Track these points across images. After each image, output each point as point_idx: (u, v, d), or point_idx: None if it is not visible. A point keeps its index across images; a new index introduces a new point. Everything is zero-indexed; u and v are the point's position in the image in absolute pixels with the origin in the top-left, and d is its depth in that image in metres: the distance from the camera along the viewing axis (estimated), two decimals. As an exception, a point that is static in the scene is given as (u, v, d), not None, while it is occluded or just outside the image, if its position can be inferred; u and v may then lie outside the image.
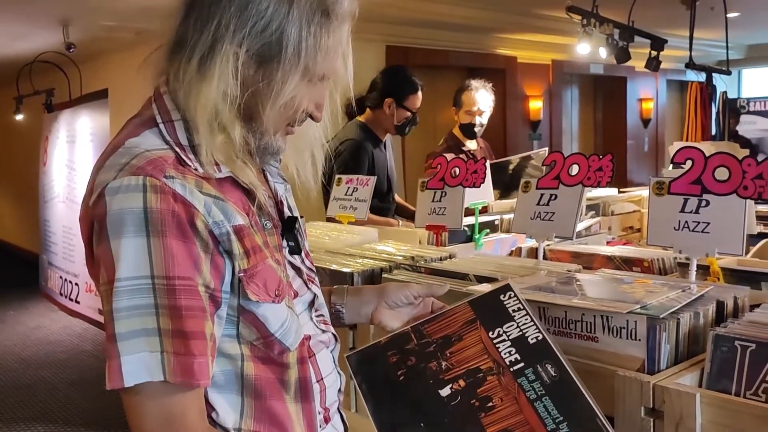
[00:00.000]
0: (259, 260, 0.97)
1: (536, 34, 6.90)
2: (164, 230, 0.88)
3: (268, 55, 0.96)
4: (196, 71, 0.94)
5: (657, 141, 9.01)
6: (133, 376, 0.87)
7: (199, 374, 0.89)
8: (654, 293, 1.27)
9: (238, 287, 0.95)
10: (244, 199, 0.99)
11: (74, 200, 6.29)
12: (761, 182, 1.39)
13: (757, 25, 7.52)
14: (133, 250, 0.88)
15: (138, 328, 0.88)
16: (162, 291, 0.88)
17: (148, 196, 0.89)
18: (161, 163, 0.92)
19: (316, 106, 1.05)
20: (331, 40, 0.99)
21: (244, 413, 0.99)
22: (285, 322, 0.99)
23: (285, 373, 1.01)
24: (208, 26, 0.94)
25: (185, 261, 0.89)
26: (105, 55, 6.39)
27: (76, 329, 5.93)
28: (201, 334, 0.90)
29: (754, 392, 1.04)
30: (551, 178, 1.80)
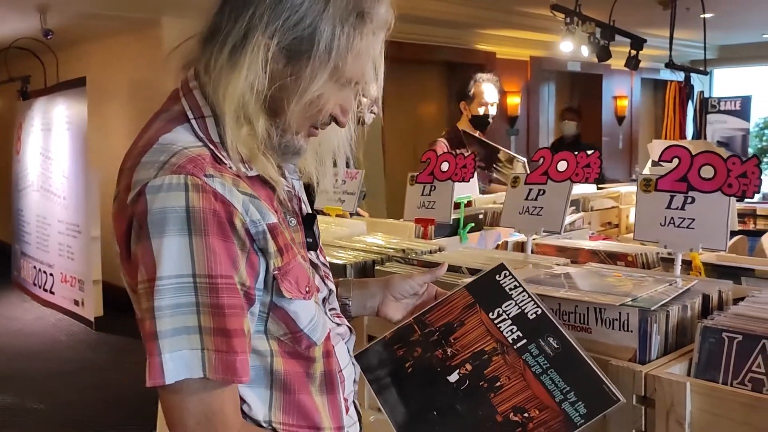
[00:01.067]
0: (291, 258, 0.98)
1: (515, 31, 6.97)
2: (206, 229, 0.89)
3: (298, 49, 0.95)
4: (227, 60, 0.94)
5: (631, 138, 9.17)
6: (174, 374, 0.88)
7: (241, 371, 0.91)
8: (643, 286, 1.31)
9: (272, 285, 0.97)
10: (272, 197, 1.01)
11: (49, 189, 6.21)
12: (745, 181, 1.44)
13: (729, 27, 7.69)
14: (176, 249, 0.89)
15: (180, 326, 0.89)
16: (204, 289, 0.89)
17: (191, 195, 0.89)
18: (201, 161, 0.92)
19: (341, 110, 1.04)
20: (363, 43, 0.98)
21: (273, 406, 1.01)
22: (314, 318, 1.01)
23: (311, 367, 1.03)
24: (242, 16, 0.94)
25: (226, 260, 0.90)
26: (83, 42, 6.30)
27: (50, 320, 5.86)
28: (241, 331, 0.92)
29: (741, 381, 1.09)
30: (540, 174, 1.85)
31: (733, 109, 8.71)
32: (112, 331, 5.42)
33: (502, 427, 1.03)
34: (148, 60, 5.42)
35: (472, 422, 1.05)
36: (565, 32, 4.21)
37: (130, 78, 5.77)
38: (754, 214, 4.01)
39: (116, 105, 6.03)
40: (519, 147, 7.74)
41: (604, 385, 1.02)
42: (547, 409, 1.03)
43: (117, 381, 4.39)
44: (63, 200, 5.98)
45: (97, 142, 5.75)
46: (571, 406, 1.02)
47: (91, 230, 5.56)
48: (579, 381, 1.03)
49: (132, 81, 5.76)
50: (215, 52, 0.96)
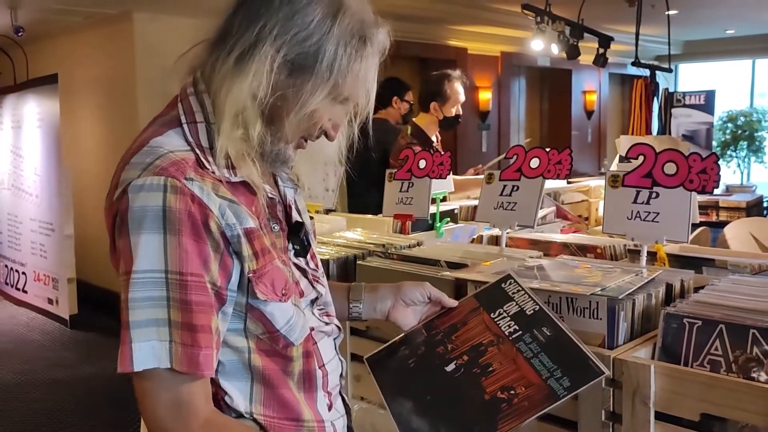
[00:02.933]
0: (267, 261, 1.03)
1: (486, 27, 7.06)
2: (180, 229, 0.95)
3: (302, 64, 1.01)
4: (233, 65, 1.00)
5: (600, 132, 9.34)
6: (142, 362, 0.94)
7: (204, 365, 0.96)
8: (611, 277, 1.40)
9: (247, 287, 1.02)
10: (256, 203, 1.05)
11: (20, 188, 6.14)
12: (705, 176, 1.53)
13: (693, 22, 7.88)
14: (150, 246, 0.94)
15: (150, 318, 0.94)
16: (174, 285, 0.95)
17: (168, 196, 0.95)
18: (183, 165, 0.98)
19: (332, 125, 1.10)
20: (362, 65, 1.04)
21: (254, 399, 1.06)
22: (291, 319, 1.06)
23: (289, 365, 1.08)
24: (253, 26, 1.00)
25: (197, 259, 0.96)
26: (52, 38, 6.23)
27: (23, 318, 5.82)
28: (208, 327, 0.97)
29: (700, 363, 1.18)
30: (513, 171, 1.92)
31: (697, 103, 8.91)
32: (87, 329, 5.41)
33: (489, 404, 1.11)
34: (119, 56, 5.39)
35: (462, 403, 1.13)
36: (536, 31, 4.31)
37: (101, 74, 5.73)
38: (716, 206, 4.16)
39: (87, 101, 5.99)
40: (490, 142, 7.86)
41: (590, 361, 1.10)
42: (533, 385, 1.10)
43: (93, 379, 4.39)
44: (35, 198, 5.93)
45: (68, 139, 5.71)
46: (556, 381, 1.09)
47: (65, 228, 5.52)
48: (566, 360, 1.11)
49: (103, 77, 5.72)
50: (222, 56, 1.01)
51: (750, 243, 2.96)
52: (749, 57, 10.24)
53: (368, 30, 1.05)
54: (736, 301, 1.26)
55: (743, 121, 9.90)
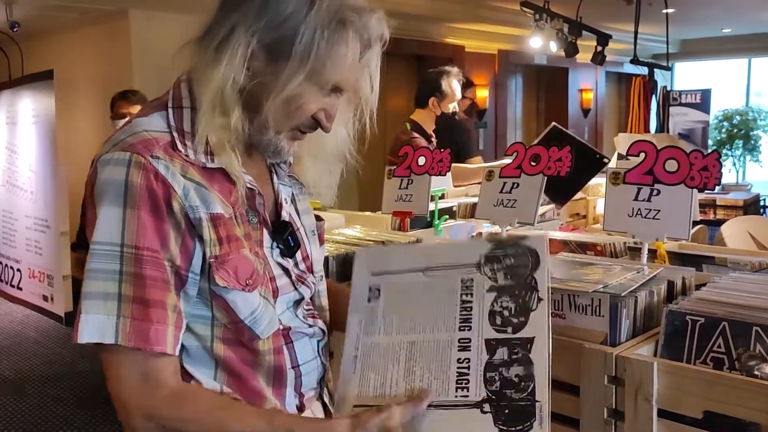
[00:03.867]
0: (232, 249, 1.02)
1: (484, 24, 7.06)
2: (139, 204, 0.96)
3: (279, 50, 1.01)
4: (212, 54, 1.00)
5: (597, 130, 9.34)
6: (86, 335, 0.95)
7: (154, 340, 0.96)
8: (612, 274, 1.40)
9: (208, 271, 1.01)
10: (233, 191, 1.05)
11: (15, 184, 6.11)
12: (706, 174, 1.53)
13: (690, 22, 7.89)
14: (109, 218, 0.97)
15: (100, 291, 0.96)
16: (129, 259, 0.96)
17: (131, 170, 0.97)
18: (152, 143, 0.99)
19: (325, 115, 1.08)
20: (342, 49, 1.02)
21: (223, 389, 1.06)
22: (256, 311, 1.04)
23: (256, 358, 1.07)
24: (231, 15, 1.01)
25: (154, 235, 0.97)
26: (48, 34, 6.21)
27: (18, 315, 5.79)
28: (161, 303, 0.97)
29: (703, 361, 1.18)
30: (513, 168, 1.92)
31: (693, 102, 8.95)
32: (82, 326, 5.38)
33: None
34: (115, 53, 5.37)
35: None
36: (535, 28, 4.31)
37: (97, 71, 5.71)
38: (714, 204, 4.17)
39: (83, 98, 5.96)
40: (487, 140, 7.86)
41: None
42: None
43: (88, 375, 4.37)
44: (30, 195, 5.90)
45: (64, 136, 5.68)
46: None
47: (60, 225, 5.50)
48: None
49: (99, 74, 5.70)
50: (204, 47, 1.02)
51: (747, 241, 2.96)
52: (745, 56, 10.26)
53: (348, 14, 1.03)
54: (739, 299, 1.26)
55: (739, 119, 9.93)
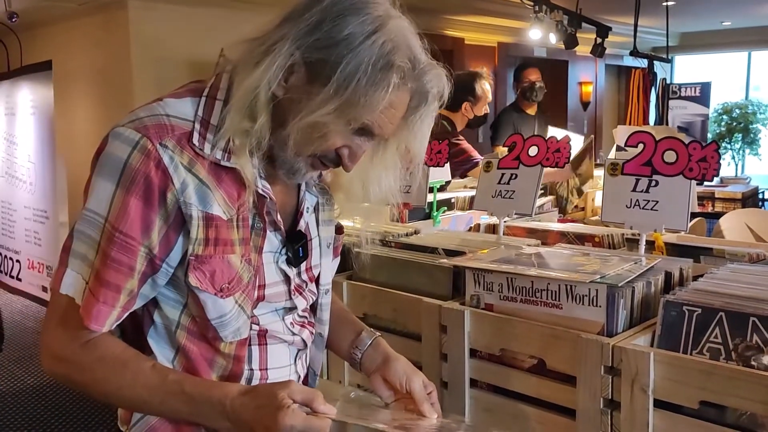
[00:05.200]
0: (216, 252, 1.02)
1: (483, 17, 7.03)
2: (131, 188, 0.98)
3: (319, 72, 0.98)
4: (258, 56, 1.00)
5: (596, 123, 9.32)
6: (66, 287, 1.00)
7: (93, 318, 0.98)
8: (610, 265, 1.40)
9: (186, 268, 1.02)
10: (242, 194, 1.04)
11: (14, 175, 6.11)
12: (705, 165, 1.53)
13: (689, 14, 7.86)
14: (102, 191, 1.00)
15: (84, 253, 1.00)
16: (106, 236, 0.99)
17: (135, 153, 0.98)
18: (166, 130, 0.99)
19: (349, 154, 1.06)
20: (381, 92, 0.98)
21: (177, 368, 1.07)
22: (225, 317, 1.04)
23: (215, 357, 1.07)
24: (286, 24, 1.00)
25: (135, 222, 0.98)
26: (46, 25, 6.17)
27: (17, 306, 5.80)
28: (116, 287, 0.99)
29: (699, 351, 1.18)
30: (512, 159, 1.92)
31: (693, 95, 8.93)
32: (81, 318, 5.39)
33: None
34: (114, 44, 5.34)
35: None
36: (534, 20, 4.30)
37: (96, 62, 5.68)
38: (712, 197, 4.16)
39: (82, 89, 5.94)
40: (487, 133, 7.83)
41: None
42: None
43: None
44: (29, 186, 5.90)
45: (62, 127, 5.67)
46: None
47: (59, 215, 5.50)
48: None
49: (97, 65, 5.68)
50: (253, 47, 1.01)
51: (745, 234, 2.96)
52: (745, 49, 10.23)
53: (400, 59, 0.99)
54: (736, 290, 1.26)
55: (738, 113, 9.91)
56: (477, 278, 1.45)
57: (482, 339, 1.42)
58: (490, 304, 1.43)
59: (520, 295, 1.39)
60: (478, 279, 1.45)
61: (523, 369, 1.38)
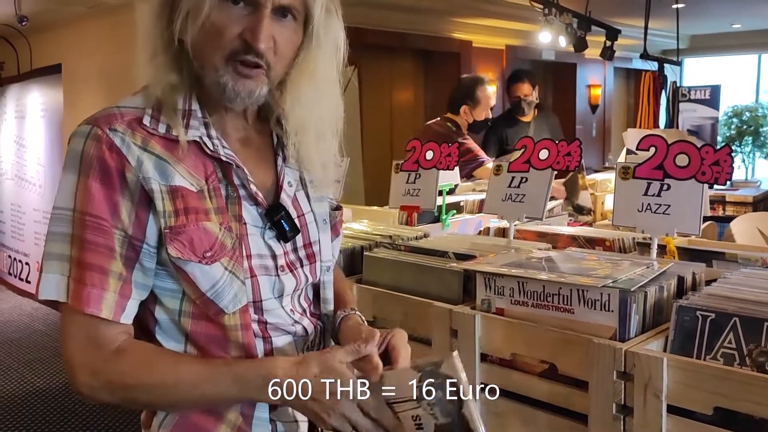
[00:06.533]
0: (189, 221, 1.02)
1: (491, 19, 7.02)
2: (89, 172, 1.00)
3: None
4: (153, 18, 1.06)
5: (604, 126, 9.30)
6: (45, 292, 1.00)
7: (86, 302, 0.98)
8: (621, 269, 1.39)
9: (164, 242, 1.02)
10: (208, 165, 1.05)
11: (23, 177, 6.14)
12: (717, 168, 1.52)
13: (700, 16, 7.83)
14: (66, 185, 1.02)
15: (57, 252, 1.01)
16: (77, 223, 1.00)
17: (88, 142, 1.01)
18: (115, 117, 1.03)
19: (252, 35, 1.02)
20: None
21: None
22: (218, 284, 1.03)
23: (224, 334, 1.06)
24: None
25: (101, 203, 1.00)
26: (55, 28, 6.21)
27: (27, 309, 5.82)
28: (99, 268, 0.99)
29: (713, 356, 1.17)
30: (522, 162, 1.91)
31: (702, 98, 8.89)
32: (90, 320, 5.40)
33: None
34: (122, 46, 5.36)
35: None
36: (543, 23, 4.29)
37: (105, 64, 5.71)
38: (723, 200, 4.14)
39: (90, 91, 5.97)
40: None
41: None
42: None
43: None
44: (39, 188, 5.92)
45: (72, 129, 5.68)
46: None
47: (68, 218, 5.52)
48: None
49: (106, 67, 5.70)
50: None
51: (756, 237, 2.94)
52: (755, 51, 10.18)
53: None
54: (750, 294, 1.25)
55: (749, 116, 9.86)
56: (488, 282, 1.44)
57: (493, 343, 1.41)
58: (501, 308, 1.42)
59: (531, 300, 1.38)
60: (488, 283, 1.44)
61: (534, 374, 1.37)
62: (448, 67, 6.91)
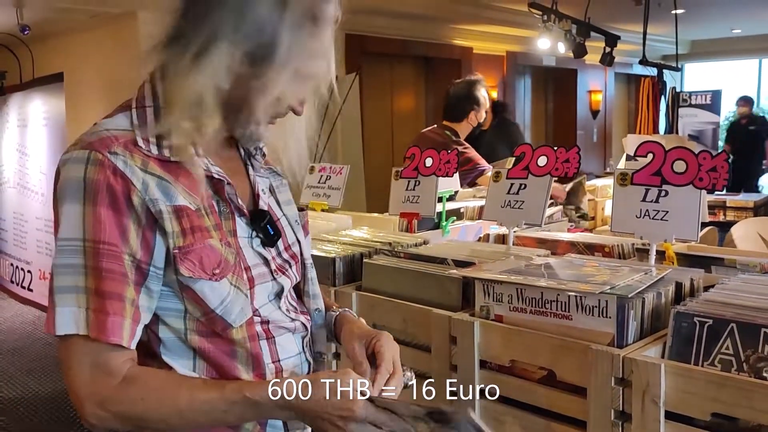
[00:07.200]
0: (197, 240, 1.04)
1: (492, 26, 7.05)
2: (97, 199, 0.99)
3: (262, 54, 1.03)
4: (190, 62, 1.02)
5: (605, 132, 9.31)
6: (63, 327, 0.98)
7: (111, 331, 0.98)
8: (619, 275, 1.39)
9: (174, 263, 1.03)
10: (197, 184, 1.07)
11: (26, 186, 6.15)
12: (714, 174, 1.52)
13: (699, 22, 7.85)
14: (71, 215, 1.00)
15: (70, 285, 0.99)
16: (90, 253, 0.99)
17: (89, 167, 0.99)
18: (111, 140, 1.02)
19: (299, 102, 1.13)
20: (317, 43, 1.07)
21: (201, 376, 1.07)
22: (226, 300, 1.05)
23: (232, 348, 1.08)
24: (205, 24, 1.02)
25: (112, 229, 0.99)
26: (58, 37, 6.24)
27: (29, 317, 5.83)
28: (118, 295, 0.99)
29: (711, 362, 1.17)
30: (521, 169, 1.92)
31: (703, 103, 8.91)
32: (92, 328, 5.41)
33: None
34: (124, 55, 5.39)
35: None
36: (543, 29, 4.30)
37: (106, 73, 5.73)
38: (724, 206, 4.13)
39: (92, 100, 5.99)
40: (495, 141, 7.83)
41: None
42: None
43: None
44: (41, 197, 5.94)
45: (74, 138, 5.70)
46: None
47: (70, 226, 5.53)
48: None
49: (108, 76, 5.73)
50: (178, 56, 1.03)
51: (758, 243, 2.94)
52: (756, 56, 10.19)
53: (317, 7, 1.07)
54: (747, 300, 1.25)
55: (750, 120, 9.85)
56: (487, 289, 1.45)
57: (492, 350, 1.42)
58: (500, 315, 1.43)
59: (529, 306, 1.38)
60: (487, 290, 1.45)
61: (533, 380, 1.37)
62: (450, 74, 6.93)
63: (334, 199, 2.46)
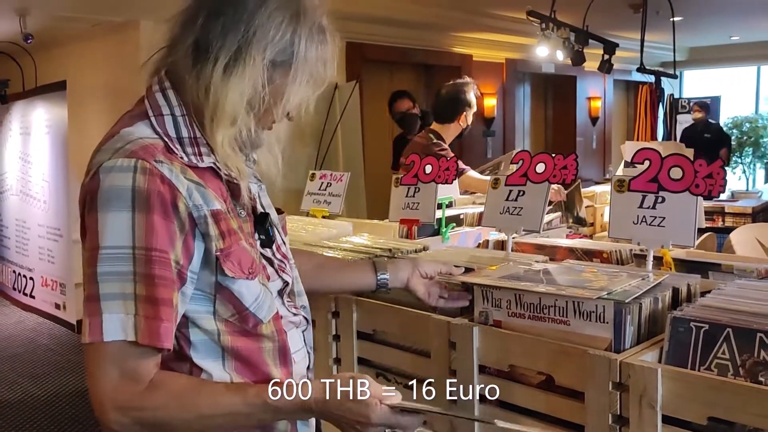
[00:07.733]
0: (233, 242, 1.09)
1: (491, 33, 7.08)
2: (149, 207, 1.01)
3: (282, 61, 1.09)
4: (222, 72, 1.06)
5: (605, 138, 9.33)
6: (111, 334, 0.99)
7: (164, 337, 1.01)
8: (617, 281, 1.40)
9: (216, 265, 1.06)
10: (222, 188, 1.12)
11: (28, 193, 6.17)
12: (711, 181, 1.54)
13: (697, 29, 7.88)
14: (118, 223, 1.00)
15: (117, 292, 1.00)
16: (141, 261, 1.00)
17: (138, 176, 1.01)
18: (153, 149, 1.04)
19: (297, 108, 1.18)
20: (328, 51, 1.15)
21: (232, 374, 1.10)
22: (258, 297, 1.11)
23: (263, 343, 1.13)
24: (234, 33, 1.06)
25: (164, 236, 1.01)
26: (60, 45, 6.28)
27: (30, 323, 5.84)
28: (169, 301, 1.01)
29: (708, 367, 1.18)
30: (519, 176, 1.93)
31: (702, 109, 8.89)
32: (93, 335, 5.41)
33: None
34: (126, 64, 5.41)
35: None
36: (541, 37, 4.33)
37: (109, 81, 5.77)
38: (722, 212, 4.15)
39: (95, 108, 6.02)
40: (495, 148, 7.86)
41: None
42: None
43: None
44: (43, 204, 5.96)
45: (76, 146, 5.73)
46: None
47: (73, 233, 5.54)
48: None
49: (110, 84, 5.76)
50: (207, 65, 1.07)
51: (756, 248, 2.96)
52: (754, 63, 10.23)
53: (321, 18, 1.14)
54: (744, 305, 1.26)
55: (748, 127, 9.90)
56: (485, 295, 1.46)
57: (491, 355, 1.43)
58: (499, 320, 1.44)
59: (528, 312, 1.39)
60: (486, 295, 1.46)
61: (531, 385, 1.38)
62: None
63: (334, 206, 2.48)
